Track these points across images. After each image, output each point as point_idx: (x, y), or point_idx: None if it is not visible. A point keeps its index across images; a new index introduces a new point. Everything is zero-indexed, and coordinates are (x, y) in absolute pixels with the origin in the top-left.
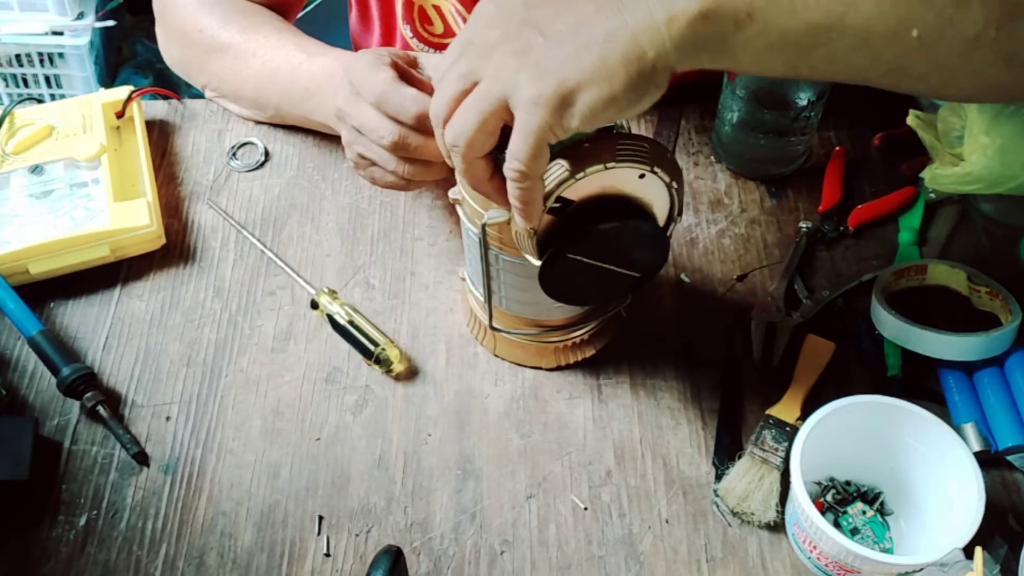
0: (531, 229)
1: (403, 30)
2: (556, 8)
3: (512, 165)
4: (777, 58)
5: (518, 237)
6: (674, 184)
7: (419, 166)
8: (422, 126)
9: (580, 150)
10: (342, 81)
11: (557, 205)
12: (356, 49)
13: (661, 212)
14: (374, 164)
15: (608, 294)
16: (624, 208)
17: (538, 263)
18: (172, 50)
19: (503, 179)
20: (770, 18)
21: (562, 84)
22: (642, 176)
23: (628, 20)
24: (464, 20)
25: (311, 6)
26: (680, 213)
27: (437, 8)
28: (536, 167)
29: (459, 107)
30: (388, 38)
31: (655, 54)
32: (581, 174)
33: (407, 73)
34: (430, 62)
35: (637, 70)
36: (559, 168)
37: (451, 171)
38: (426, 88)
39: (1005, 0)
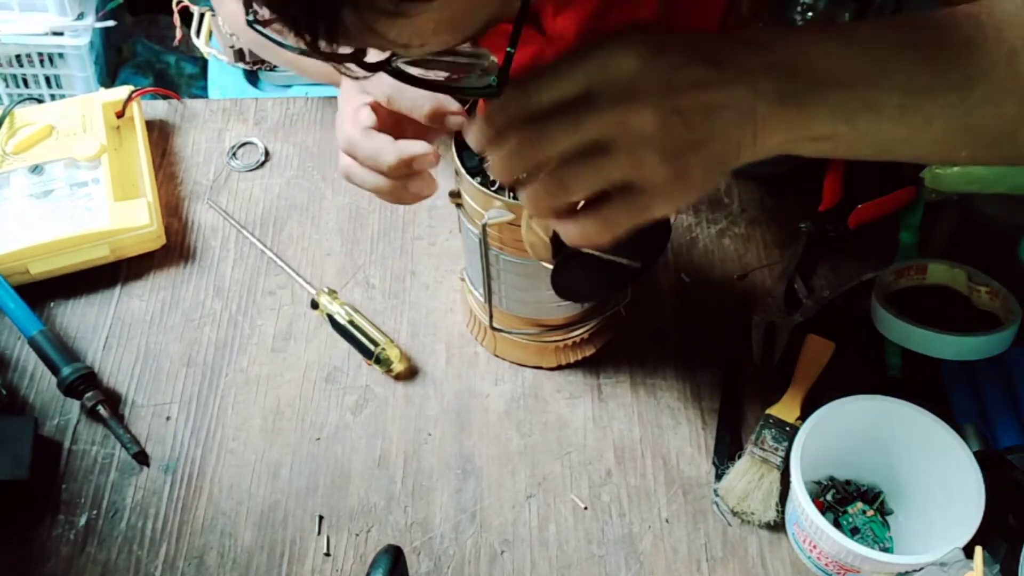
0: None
1: None
2: (697, 99)
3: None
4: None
5: (533, 248)
6: None
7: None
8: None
9: None
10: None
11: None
12: None
13: None
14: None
15: (615, 286)
16: None
17: (551, 265)
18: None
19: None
20: (845, 140)
21: (682, 201)
22: None
23: (736, 139)
24: None
25: None
26: None
27: None
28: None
29: (588, 173)
30: None
31: (738, 163)
32: None
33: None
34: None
35: (720, 175)
36: None
37: (438, 159)
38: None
39: None
